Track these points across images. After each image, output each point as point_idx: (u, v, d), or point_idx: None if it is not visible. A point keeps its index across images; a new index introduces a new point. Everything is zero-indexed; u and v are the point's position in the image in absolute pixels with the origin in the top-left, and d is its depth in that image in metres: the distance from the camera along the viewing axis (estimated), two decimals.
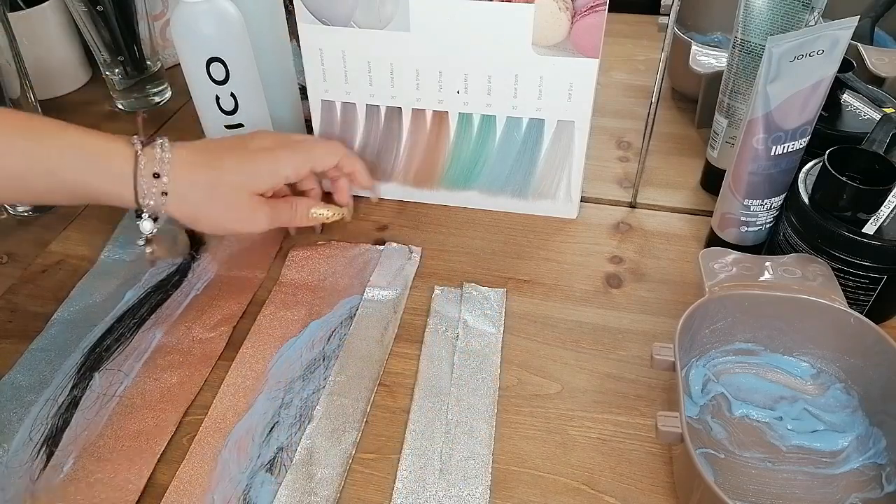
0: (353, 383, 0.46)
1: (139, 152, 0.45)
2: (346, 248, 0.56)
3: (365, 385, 0.46)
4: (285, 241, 0.57)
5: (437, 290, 0.52)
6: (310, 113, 0.59)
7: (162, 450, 0.43)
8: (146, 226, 0.47)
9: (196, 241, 0.57)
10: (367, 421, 0.44)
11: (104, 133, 0.45)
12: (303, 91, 0.62)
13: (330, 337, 0.49)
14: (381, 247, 0.56)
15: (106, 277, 0.54)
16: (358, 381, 0.46)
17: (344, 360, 0.47)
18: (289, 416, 0.44)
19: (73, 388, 0.46)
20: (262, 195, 0.50)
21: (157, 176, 0.45)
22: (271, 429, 0.43)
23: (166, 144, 0.46)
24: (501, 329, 0.49)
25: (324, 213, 0.53)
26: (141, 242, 0.48)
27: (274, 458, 0.42)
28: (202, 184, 0.47)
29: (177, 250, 0.56)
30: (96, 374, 0.47)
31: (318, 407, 0.44)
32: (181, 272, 0.55)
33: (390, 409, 0.45)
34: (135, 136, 0.46)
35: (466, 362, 0.47)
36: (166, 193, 0.45)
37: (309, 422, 0.44)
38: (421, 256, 0.55)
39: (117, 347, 0.49)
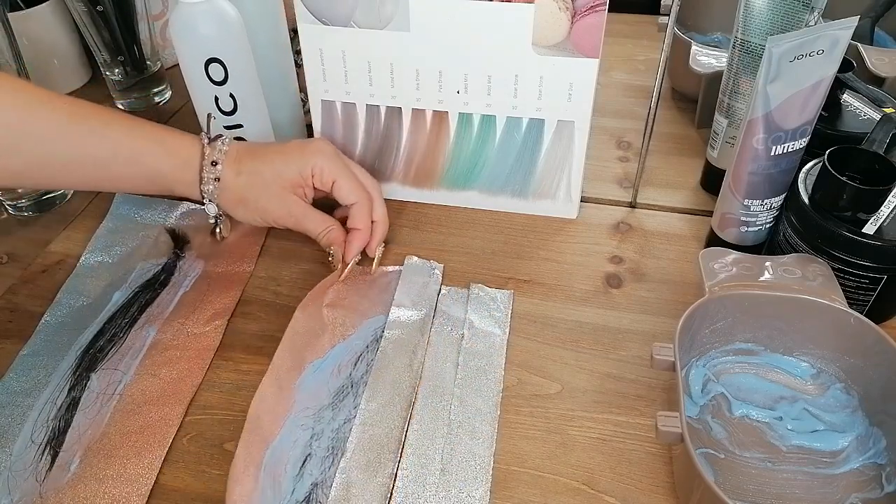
0: (384, 412, 0.44)
1: (206, 144, 0.51)
2: (364, 270, 0.54)
3: (398, 413, 0.44)
4: (268, 236, 0.57)
5: (443, 290, 0.52)
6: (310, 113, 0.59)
7: (170, 442, 0.43)
8: (211, 209, 0.52)
9: (179, 240, 0.57)
10: (402, 451, 0.42)
11: (177, 129, 0.52)
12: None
13: (357, 362, 0.47)
14: (399, 267, 0.54)
15: (90, 280, 0.54)
16: (390, 410, 0.44)
17: (373, 388, 0.45)
18: (321, 448, 0.42)
19: (70, 389, 0.46)
20: (302, 194, 0.52)
21: (214, 164, 0.50)
22: (304, 462, 0.42)
23: (227, 140, 0.51)
24: (507, 331, 0.49)
25: (339, 259, 0.53)
26: (211, 221, 0.55)
27: (309, 495, 0.40)
28: (245, 172, 0.51)
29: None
30: (93, 375, 0.47)
31: (350, 438, 0.43)
32: (167, 271, 0.55)
33: None
34: (203, 133, 0.51)
35: (471, 363, 0.47)
36: (218, 179, 0.50)
37: (342, 455, 0.42)
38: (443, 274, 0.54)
39: (111, 347, 0.49)
